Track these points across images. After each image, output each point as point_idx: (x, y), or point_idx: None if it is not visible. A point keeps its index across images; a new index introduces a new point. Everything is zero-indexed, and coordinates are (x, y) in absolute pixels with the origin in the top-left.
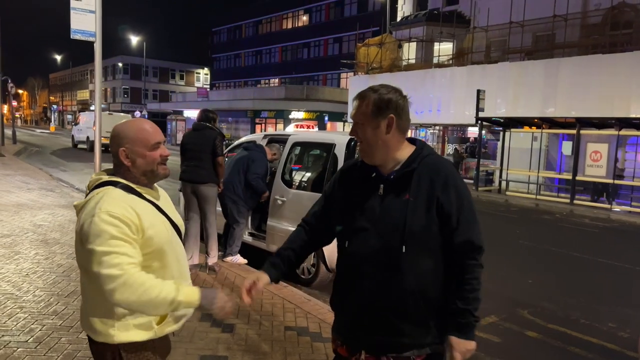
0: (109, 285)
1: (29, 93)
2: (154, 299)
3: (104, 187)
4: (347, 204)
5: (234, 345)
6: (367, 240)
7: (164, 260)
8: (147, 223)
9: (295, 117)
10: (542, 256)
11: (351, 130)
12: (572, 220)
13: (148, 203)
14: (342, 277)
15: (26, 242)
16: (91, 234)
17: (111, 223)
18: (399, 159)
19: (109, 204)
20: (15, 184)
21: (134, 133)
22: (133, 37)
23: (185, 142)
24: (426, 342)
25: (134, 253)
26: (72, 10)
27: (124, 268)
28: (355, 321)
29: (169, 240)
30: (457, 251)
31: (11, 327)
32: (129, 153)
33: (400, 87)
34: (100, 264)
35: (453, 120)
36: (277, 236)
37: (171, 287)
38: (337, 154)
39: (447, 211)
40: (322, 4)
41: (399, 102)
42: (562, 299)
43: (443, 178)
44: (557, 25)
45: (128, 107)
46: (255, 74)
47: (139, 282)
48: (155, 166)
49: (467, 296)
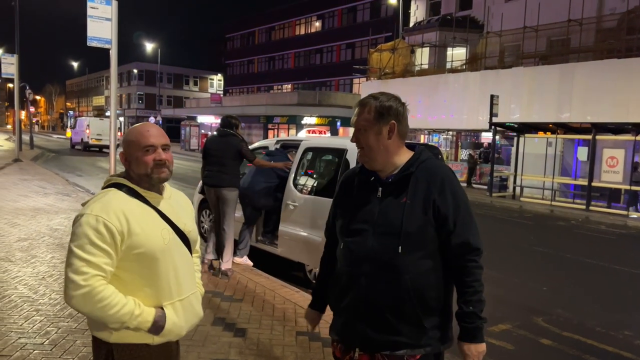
0: (69, 290)
1: (46, 99)
2: (106, 317)
3: (109, 189)
4: (346, 207)
5: (245, 349)
6: (364, 241)
7: (155, 267)
8: (138, 229)
9: (308, 123)
10: (557, 263)
11: (352, 137)
12: (588, 227)
13: (150, 208)
14: (340, 277)
15: (43, 246)
16: (74, 233)
17: (95, 228)
18: (397, 164)
19: (101, 208)
20: (33, 188)
21: (131, 136)
22: (148, 44)
23: (208, 148)
24: (421, 343)
25: (107, 264)
26: (88, 18)
27: (88, 280)
28: (351, 319)
29: (164, 248)
30: (455, 253)
31: (27, 329)
32: (126, 155)
33: (413, 93)
34: (70, 266)
35: (466, 125)
36: (288, 241)
37: (128, 309)
38: (348, 159)
39: (443, 213)
40: (334, 10)
41: (399, 109)
42: (577, 306)
43: (439, 181)
44: (572, 29)
45: (143, 112)
46: (268, 79)
47: (98, 297)
48: (149, 169)
49: (470, 299)
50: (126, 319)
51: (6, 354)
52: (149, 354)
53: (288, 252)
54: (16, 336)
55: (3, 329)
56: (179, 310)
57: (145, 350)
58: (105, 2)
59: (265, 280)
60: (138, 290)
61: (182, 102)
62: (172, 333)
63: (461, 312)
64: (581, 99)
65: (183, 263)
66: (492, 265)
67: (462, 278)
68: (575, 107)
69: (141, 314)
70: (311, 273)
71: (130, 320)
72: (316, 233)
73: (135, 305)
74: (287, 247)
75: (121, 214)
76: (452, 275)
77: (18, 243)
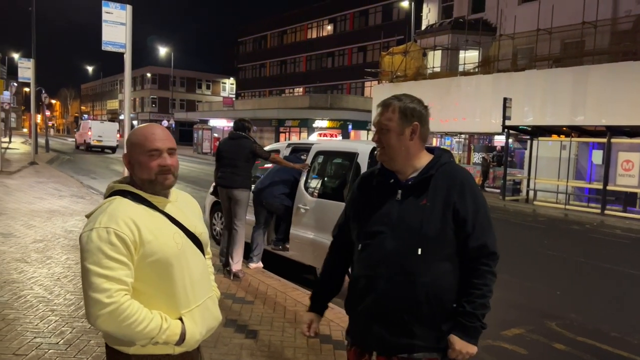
0: (94, 310)
1: (61, 103)
2: (134, 334)
3: (112, 197)
4: (364, 209)
5: (257, 351)
6: (383, 243)
7: (170, 274)
8: (150, 236)
9: (319, 126)
10: (571, 267)
11: (374, 136)
12: (603, 231)
13: (158, 213)
14: (358, 279)
15: (58, 247)
16: (86, 250)
17: (107, 240)
18: (417, 166)
19: (109, 219)
20: (48, 191)
21: (135, 138)
22: (161, 48)
23: (221, 150)
24: (438, 346)
25: (127, 276)
26: (103, 22)
27: (113, 296)
28: (369, 322)
29: (178, 254)
30: (472, 256)
31: (43, 329)
32: (130, 159)
33: (425, 96)
34: (90, 286)
35: (479, 128)
36: (299, 244)
37: (155, 324)
38: (360, 162)
39: (462, 216)
40: (346, 13)
41: (422, 111)
42: (591, 311)
43: (459, 184)
44: (586, 32)
45: (156, 116)
46: (280, 83)
47: (125, 314)
48: (153, 175)
49: (474, 300)
50: (154, 334)
51: (22, 353)
52: None
53: (299, 255)
54: (32, 335)
55: (19, 329)
56: (197, 317)
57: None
58: (119, 7)
59: (277, 283)
60: (154, 300)
61: (195, 106)
62: (191, 341)
63: (462, 310)
64: (596, 102)
65: (197, 267)
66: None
67: (471, 279)
68: (590, 110)
69: (169, 327)
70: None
71: (159, 335)
72: (327, 237)
73: (162, 319)
74: (298, 250)
75: (131, 222)
76: (464, 276)
77: (34, 244)
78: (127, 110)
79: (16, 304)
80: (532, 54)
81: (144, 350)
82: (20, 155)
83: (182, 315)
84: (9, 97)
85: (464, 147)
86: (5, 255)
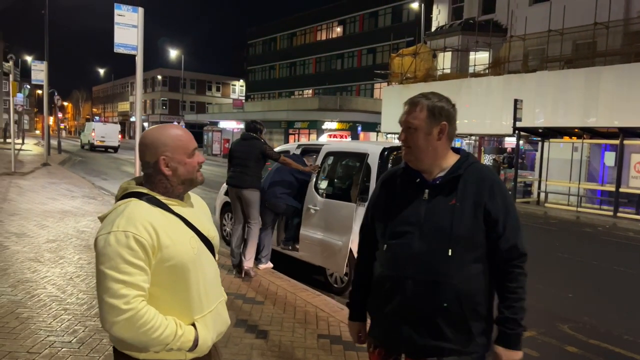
0: (111, 316)
1: (73, 105)
2: (149, 340)
3: (128, 199)
4: (388, 208)
5: (267, 351)
6: (410, 243)
7: (186, 279)
8: (168, 240)
9: (329, 128)
10: (583, 270)
11: (400, 135)
12: (616, 234)
13: (174, 217)
14: (383, 281)
15: (70, 247)
16: (103, 254)
17: (126, 245)
18: (444, 166)
19: (127, 222)
20: (60, 191)
21: (172, 140)
22: (172, 51)
23: (233, 150)
24: (468, 350)
25: (144, 281)
26: (115, 25)
27: (130, 302)
28: (397, 324)
29: (194, 259)
30: (503, 258)
31: (56, 327)
32: (169, 161)
33: None
34: (106, 291)
35: (489, 130)
36: (309, 245)
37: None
38: (370, 163)
39: (494, 217)
40: (356, 15)
41: (450, 110)
42: (604, 314)
43: (489, 185)
44: (598, 32)
45: (166, 118)
46: (289, 85)
47: (142, 321)
48: (195, 173)
49: (513, 305)
50: (169, 341)
51: (35, 351)
52: None
53: (309, 256)
54: (45, 334)
55: (33, 327)
56: (209, 323)
57: None
58: (131, 9)
59: (287, 283)
60: (169, 306)
61: (205, 108)
62: (203, 347)
63: (502, 317)
64: (608, 103)
65: (211, 271)
66: None
67: (506, 283)
68: (602, 111)
69: (183, 333)
70: (332, 277)
71: (173, 342)
72: (337, 237)
73: (177, 326)
74: (308, 251)
75: (149, 226)
76: (497, 280)
77: (47, 244)
78: (138, 112)
79: (30, 303)
80: (543, 55)
81: (155, 356)
82: (33, 156)
83: (195, 321)
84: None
85: (474, 149)
86: (19, 255)
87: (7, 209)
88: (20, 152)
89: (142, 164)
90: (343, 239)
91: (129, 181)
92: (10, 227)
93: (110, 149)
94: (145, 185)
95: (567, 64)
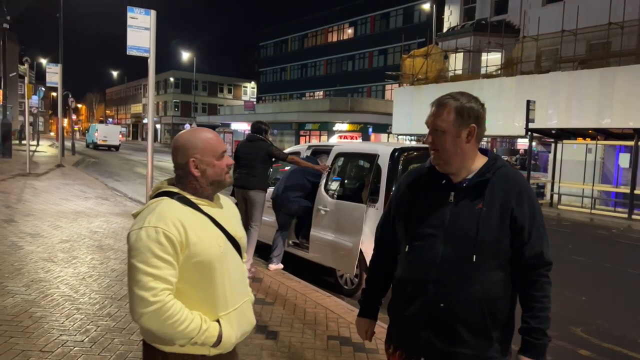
0: (139, 308)
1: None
2: (175, 333)
3: (160, 198)
4: (412, 208)
5: (277, 352)
6: (434, 246)
7: (212, 276)
8: (195, 237)
9: (340, 129)
10: (596, 273)
11: (427, 138)
12: (630, 236)
13: (203, 216)
14: (404, 284)
15: (83, 248)
16: (135, 248)
17: (157, 240)
18: (471, 168)
19: (158, 218)
20: (74, 192)
21: (202, 143)
22: (184, 53)
23: (239, 151)
24: (487, 355)
25: (172, 276)
26: (128, 27)
27: (158, 295)
28: (417, 327)
29: (220, 256)
30: (528, 265)
31: (68, 327)
32: (198, 163)
33: None
34: (136, 283)
35: (502, 131)
36: (319, 246)
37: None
38: (380, 164)
39: (520, 224)
40: (367, 17)
41: (479, 112)
42: (618, 317)
43: (517, 190)
44: (612, 32)
45: (178, 120)
46: (300, 86)
47: (169, 313)
48: (223, 175)
49: (539, 315)
50: (194, 335)
51: (48, 350)
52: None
53: (319, 257)
54: (58, 333)
55: (46, 326)
56: (234, 321)
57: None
58: (144, 12)
59: (297, 285)
60: (194, 301)
61: (217, 110)
62: (227, 344)
63: (528, 327)
64: (623, 104)
65: (236, 270)
66: None
67: (531, 292)
68: (617, 112)
69: (207, 328)
70: (342, 278)
71: (198, 336)
72: (347, 238)
73: (202, 320)
74: (318, 252)
75: (178, 223)
76: (520, 288)
77: (60, 244)
78: (150, 114)
79: (43, 302)
80: (556, 56)
81: (180, 350)
82: (48, 158)
83: (219, 318)
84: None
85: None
86: (33, 255)
87: (22, 210)
88: (35, 154)
89: (174, 165)
90: (353, 240)
91: (162, 181)
92: (24, 227)
93: (112, 147)
94: (177, 186)
95: (581, 65)
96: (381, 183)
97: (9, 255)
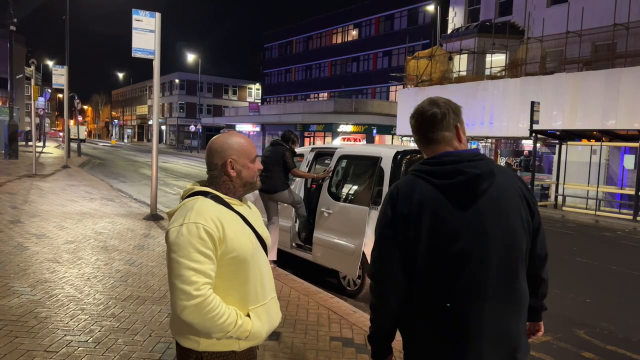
0: (182, 301)
1: (93, 108)
2: (214, 326)
3: (195, 197)
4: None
5: (279, 352)
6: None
7: (245, 271)
8: (232, 234)
9: (344, 131)
10: (601, 274)
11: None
12: (635, 238)
13: (235, 214)
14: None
15: (88, 249)
16: (176, 244)
17: (198, 235)
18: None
19: (197, 215)
20: (79, 193)
21: (238, 146)
22: (189, 55)
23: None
24: None
25: (212, 270)
26: (134, 30)
27: (200, 289)
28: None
29: (253, 253)
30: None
31: (73, 327)
32: (234, 164)
33: (451, 99)
34: (179, 277)
35: (506, 132)
36: (322, 248)
37: (232, 319)
38: (383, 167)
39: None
40: (371, 18)
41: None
42: (622, 319)
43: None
44: (617, 33)
45: (183, 121)
46: (305, 88)
47: (209, 307)
48: (255, 178)
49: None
50: (230, 329)
51: (53, 350)
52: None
53: (322, 259)
54: (62, 333)
55: (50, 326)
56: (262, 315)
57: (232, 357)
58: (149, 14)
59: (300, 286)
60: (227, 296)
61: (222, 111)
62: (256, 338)
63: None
64: (628, 105)
65: (266, 267)
66: None
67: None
68: (622, 113)
69: (242, 323)
70: (345, 279)
71: (233, 330)
72: (350, 240)
73: (237, 316)
74: (321, 254)
75: (216, 219)
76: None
77: (65, 245)
78: (155, 115)
79: (48, 303)
80: (561, 57)
81: (212, 347)
82: (54, 159)
83: (249, 312)
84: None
85: (491, 152)
86: (39, 256)
87: (27, 211)
88: (42, 155)
89: (209, 166)
90: (356, 242)
91: (194, 183)
92: (30, 228)
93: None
94: (210, 186)
95: (586, 66)
96: (384, 186)
97: (14, 256)
